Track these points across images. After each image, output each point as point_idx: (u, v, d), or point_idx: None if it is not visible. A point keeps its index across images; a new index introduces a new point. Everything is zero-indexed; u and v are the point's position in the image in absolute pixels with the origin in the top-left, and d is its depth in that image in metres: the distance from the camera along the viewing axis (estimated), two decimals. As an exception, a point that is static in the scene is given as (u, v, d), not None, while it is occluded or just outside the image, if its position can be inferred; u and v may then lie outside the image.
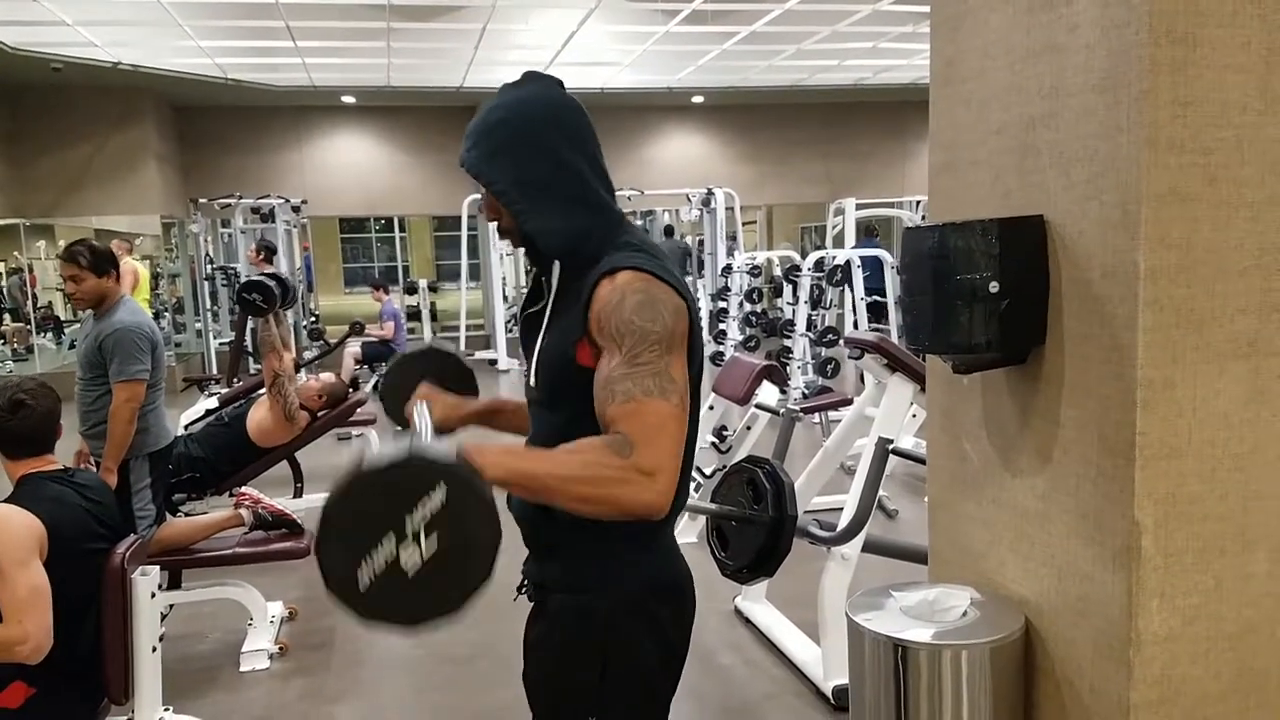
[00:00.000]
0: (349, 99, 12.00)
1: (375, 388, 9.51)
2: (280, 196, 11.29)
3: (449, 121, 12.22)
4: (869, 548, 3.16)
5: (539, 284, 1.53)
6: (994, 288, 1.45)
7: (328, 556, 1.12)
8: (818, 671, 3.15)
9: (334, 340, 9.50)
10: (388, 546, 1.10)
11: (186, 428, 4.84)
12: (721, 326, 10.43)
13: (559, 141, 1.43)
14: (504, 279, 11.87)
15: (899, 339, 6.75)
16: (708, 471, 4.99)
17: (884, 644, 1.50)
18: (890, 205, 11.75)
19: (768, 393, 4.83)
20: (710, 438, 5.27)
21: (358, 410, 5.12)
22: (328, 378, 5.00)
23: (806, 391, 7.52)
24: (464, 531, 1.12)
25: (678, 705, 1.56)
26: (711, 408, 5.13)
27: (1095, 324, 1.42)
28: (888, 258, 9.14)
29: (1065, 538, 1.50)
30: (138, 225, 11.73)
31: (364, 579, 1.10)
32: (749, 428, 4.92)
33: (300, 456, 4.90)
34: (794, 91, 12.39)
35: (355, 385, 6.81)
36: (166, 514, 3.89)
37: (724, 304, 10.53)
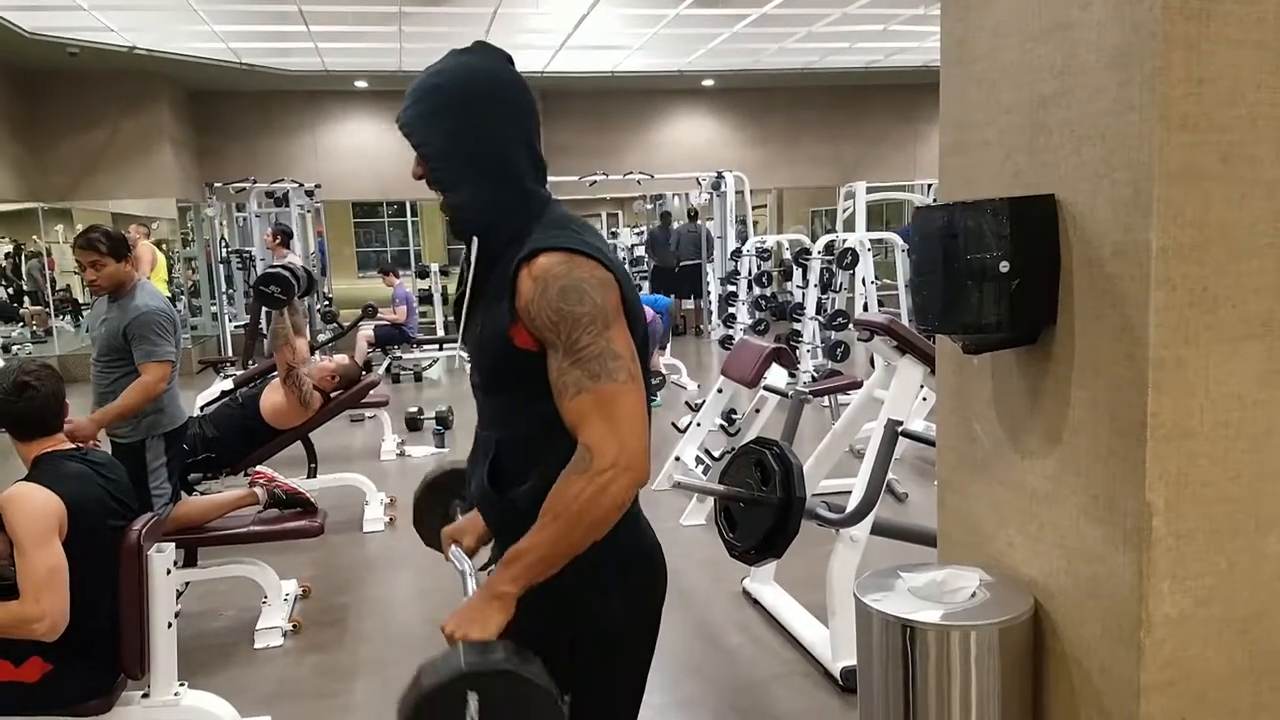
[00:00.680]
0: (361, 83, 11.98)
1: (388, 370, 9.60)
2: (294, 181, 11.33)
3: (461, 106, 12.20)
4: (878, 530, 3.15)
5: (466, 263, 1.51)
6: (1004, 267, 1.44)
7: None
8: (826, 652, 3.15)
9: (347, 324, 9.57)
10: None
11: (202, 409, 4.88)
12: (731, 310, 10.42)
13: (492, 116, 1.41)
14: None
15: (909, 321, 6.73)
16: (716, 453, 5.00)
17: (892, 625, 1.49)
18: (901, 189, 11.68)
19: (777, 376, 4.83)
20: (719, 420, 5.28)
21: (370, 392, 5.15)
22: (342, 359, 5.04)
23: (815, 375, 7.51)
24: (513, 707, 1.22)
25: (685, 684, 1.56)
26: (720, 390, 5.13)
27: (1107, 304, 1.40)
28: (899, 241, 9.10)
29: (1075, 519, 1.49)
30: (153, 209, 11.78)
31: None
32: (758, 410, 4.93)
33: (314, 437, 4.93)
34: (805, 75, 12.29)
35: (368, 368, 6.87)
36: (182, 493, 3.94)
37: (733, 287, 10.51)
